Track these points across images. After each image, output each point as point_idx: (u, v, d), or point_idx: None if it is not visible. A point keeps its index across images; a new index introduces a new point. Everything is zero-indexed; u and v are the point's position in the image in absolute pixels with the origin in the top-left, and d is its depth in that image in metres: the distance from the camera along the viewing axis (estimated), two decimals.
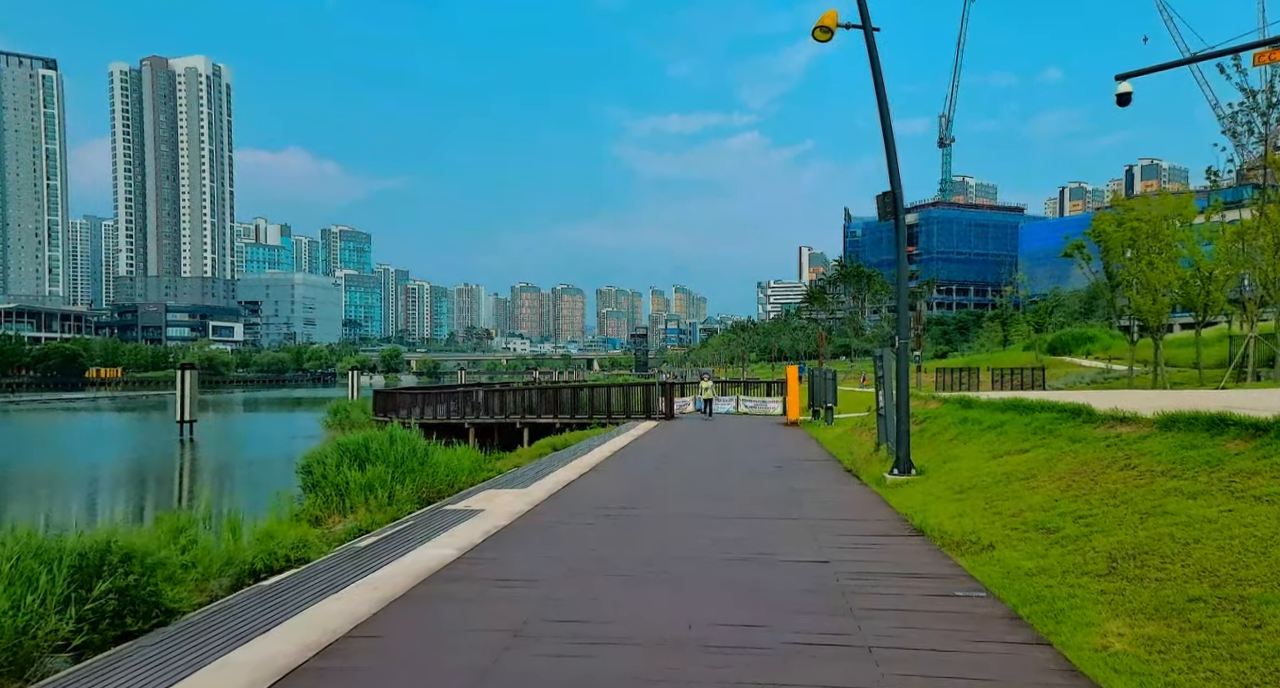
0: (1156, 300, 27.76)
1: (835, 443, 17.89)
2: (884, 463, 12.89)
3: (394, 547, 7.55)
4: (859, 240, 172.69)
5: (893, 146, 11.63)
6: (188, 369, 38.18)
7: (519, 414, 33.06)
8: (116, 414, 65.51)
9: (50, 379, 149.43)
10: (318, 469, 16.71)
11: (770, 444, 18.52)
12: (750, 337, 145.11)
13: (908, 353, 11.93)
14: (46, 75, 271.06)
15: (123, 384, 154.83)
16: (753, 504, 10.01)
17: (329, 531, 13.90)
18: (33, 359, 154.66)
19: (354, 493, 15.79)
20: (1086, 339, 61.50)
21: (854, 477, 12.75)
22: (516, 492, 10.78)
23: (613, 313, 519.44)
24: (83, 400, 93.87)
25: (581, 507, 9.74)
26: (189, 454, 33.11)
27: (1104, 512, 7.24)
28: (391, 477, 16.68)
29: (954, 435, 12.99)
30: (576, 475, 12.57)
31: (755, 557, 7.03)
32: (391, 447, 17.64)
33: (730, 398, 32.39)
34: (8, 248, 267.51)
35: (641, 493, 10.92)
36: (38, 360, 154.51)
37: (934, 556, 7.24)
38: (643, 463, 14.87)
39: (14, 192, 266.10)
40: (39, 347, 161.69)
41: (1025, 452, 10.51)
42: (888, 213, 11.62)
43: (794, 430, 23.13)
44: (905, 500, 10.04)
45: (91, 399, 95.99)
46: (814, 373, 25.93)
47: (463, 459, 19.89)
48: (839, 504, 10.10)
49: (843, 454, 15.56)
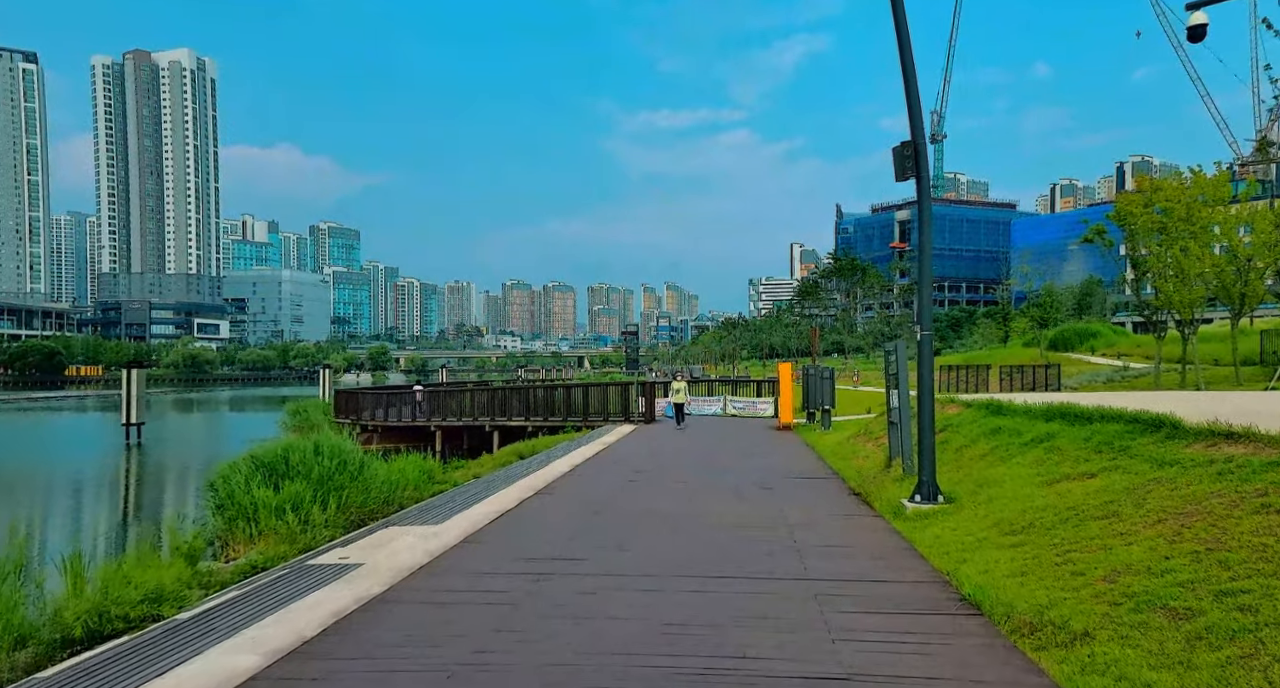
0: (1190, 290, 25.22)
1: (835, 453, 15.41)
2: (900, 484, 10.41)
3: (178, 644, 4.99)
4: (851, 237, 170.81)
5: (913, 84, 9.13)
6: (133, 368, 35.40)
7: (488, 416, 30.48)
8: (78, 415, 62.49)
9: (28, 377, 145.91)
10: (223, 488, 14.14)
11: (760, 454, 16.03)
12: (742, 334, 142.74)
13: (931, 347, 9.43)
14: (27, 69, 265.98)
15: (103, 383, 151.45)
16: (734, 550, 7.50)
17: (215, 567, 11.33)
18: (9, 357, 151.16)
19: (264, 517, 13.22)
20: (1090, 335, 59.21)
21: (863, 502, 10.26)
22: (425, 530, 8.24)
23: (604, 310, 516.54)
24: (54, 399, 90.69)
25: (501, 556, 7.21)
26: (128, 461, 30.35)
27: (1264, 586, 4.75)
28: (313, 496, 14.14)
29: (986, 450, 10.51)
30: (516, 502, 10.03)
31: (730, 671, 4.50)
32: (317, 459, 15.04)
33: (718, 398, 29.90)
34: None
35: (591, 531, 8.38)
36: (15, 358, 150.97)
37: (1006, 655, 4.75)
38: (605, 481, 12.34)
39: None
40: (17, 344, 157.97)
41: (1091, 476, 8.03)
42: (907, 169, 9.12)
43: (787, 436, 20.64)
44: (938, 545, 7.55)
45: (61, 398, 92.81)
46: (809, 371, 23.46)
47: (407, 472, 17.35)
48: (850, 550, 7.59)
49: (845, 469, 13.07)
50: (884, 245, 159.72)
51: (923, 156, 9.12)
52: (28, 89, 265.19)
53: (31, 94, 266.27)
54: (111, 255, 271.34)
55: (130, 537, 15.96)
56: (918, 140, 9.13)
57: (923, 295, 9.34)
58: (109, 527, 18.00)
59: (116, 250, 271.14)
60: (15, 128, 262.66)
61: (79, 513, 20.61)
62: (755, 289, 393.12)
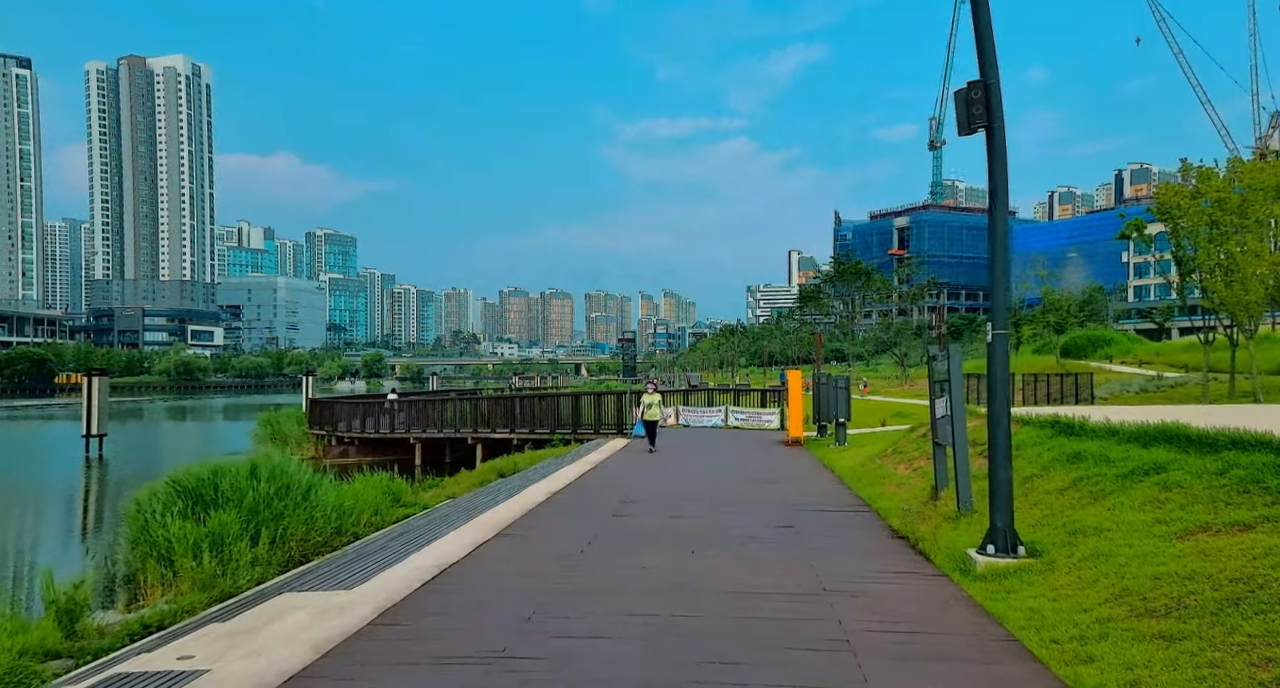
0: (1247, 291, 22.89)
1: (860, 477, 13.20)
2: (955, 526, 8.21)
3: None
4: (849, 244, 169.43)
5: (984, 6, 6.99)
6: (96, 375, 33.13)
7: (470, 428, 28.24)
8: (49, 423, 60.07)
9: (17, 385, 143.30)
10: (135, 520, 11.92)
11: (773, 478, 13.81)
12: (740, 341, 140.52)
13: (1006, 351, 7.26)
14: (21, 74, 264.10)
15: None
16: (751, 648, 5.27)
17: (107, 623, 9.08)
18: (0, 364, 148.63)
19: (180, 555, 11.00)
20: (1104, 342, 57.06)
21: (912, 549, 8.04)
22: (328, 600, 6.02)
23: (601, 317, 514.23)
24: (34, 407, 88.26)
25: (418, 654, 4.99)
26: (80, 477, 28.04)
27: None
28: (243, 528, 11.93)
29: (1066, 483, 8.31)
30: (467, 550, 7.82)
31: None
32: (251, 483, 12.81)
33: (719, 409, 27.69)
34: None
35: (551, 610, 6.14)
36: (3, 366, 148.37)
37: None
38: (586, 516, 10.13)
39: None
40: (6, 352, 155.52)
41: (1245, 528, 5.85)
42: (975, 117, 6.95)
43: (798, 454, 18.43)
44: (1039, 624, 5.35)
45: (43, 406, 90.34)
46: (821, 380, 21.25)
47: (364, 495, 15.09)
48: (916, 636, 5.36)
49: (878, 499, 10.86)
50: (883, 252, 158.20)
51: (996, 99, 6.96)
52: (21, 94, 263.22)
53: (25, 99, 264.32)
54: (105, 261, 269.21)
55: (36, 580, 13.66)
56: (989, 78, 6.98)
57: (997, 285, 7.17)
58: (21, 563, 15.71)
59: (110, 257, 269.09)
60: (8, 133, 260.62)
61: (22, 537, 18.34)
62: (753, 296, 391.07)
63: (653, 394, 19.36)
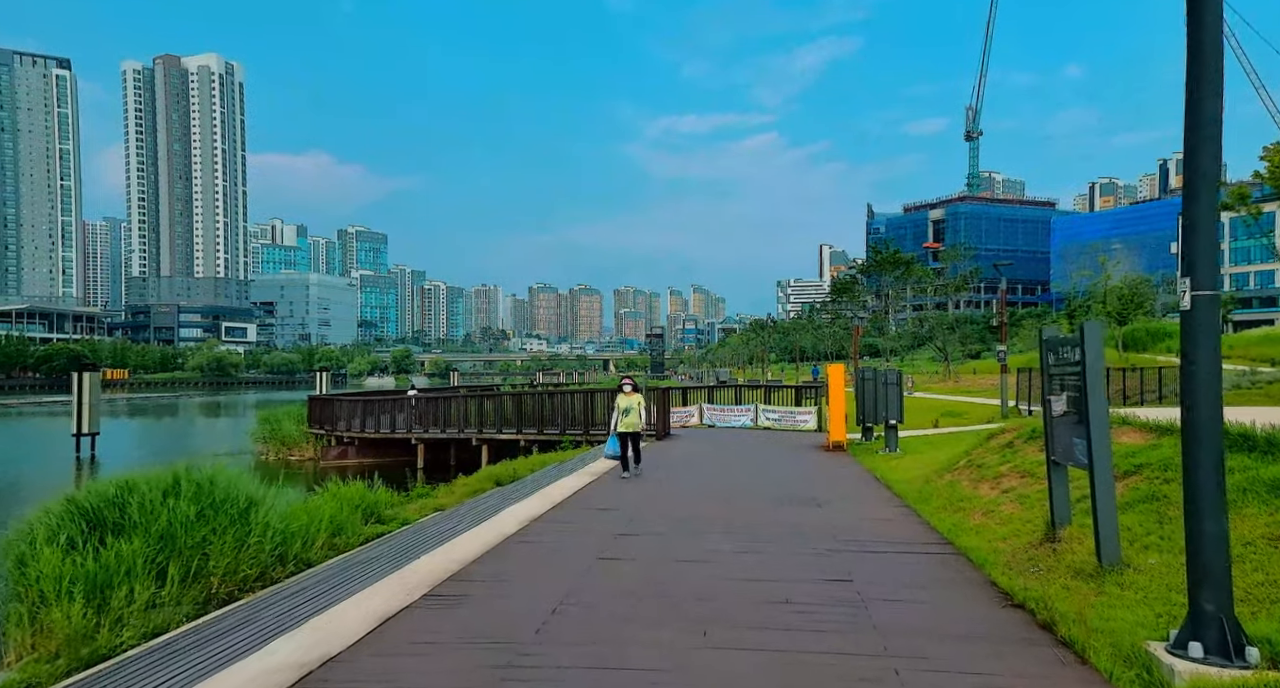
0: None
1: (925, 496, 10.39)
2: (1097, 586, 5.42)
3: None
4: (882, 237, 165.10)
5: None
6: (86, 371, 31.24)
7: (476, 428, 25.79)
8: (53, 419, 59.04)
9: (55, 381, 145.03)
10: (12, 551, 9.55)
11: (814, 498, 11.01)
12: (770, 336, 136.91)
13: (1218, 320, 4.48)
14: (60, 75, 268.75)
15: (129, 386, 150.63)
16: None
17: None
18: (36, 360, 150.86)
19: (55, 600, 8.56)
20: (1165, 334, 53.06)
21: (1041, 628, 5.25)
22: None
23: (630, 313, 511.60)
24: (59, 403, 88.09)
25: None
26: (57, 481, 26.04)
27: None
28: (148, 561, 9.49)
29: (1273, 527, 5.46)
30: (360, 634, 5.21)
31: None
32: (167, 504, 10.36)
33: (748, 407, 24.90)
34: (21, 249, 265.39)
35: None
36: (41, 362, 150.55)
37: None
38: (564, 558, 7.47)
39: (27, 193, 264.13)
40: (44, 348, 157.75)
41: None
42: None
43: (843, 462, 15.59)
44: None
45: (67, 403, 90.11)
46: (866, 375, 18.38)
47: (324, 511, 12.54)
48: None
49: (960, 533, 8.04)
50: (916, 245, 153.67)
51: None
52: (60, 95, 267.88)
53: (65, 100, 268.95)
54: (141, 259, 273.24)
55: None
56: None
57: (1202, 208, 4.39)
58: None
59: (147, 254, 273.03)
60: (49, 133, 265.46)
61: None
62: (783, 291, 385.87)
63: (631, 395, 14.13)
